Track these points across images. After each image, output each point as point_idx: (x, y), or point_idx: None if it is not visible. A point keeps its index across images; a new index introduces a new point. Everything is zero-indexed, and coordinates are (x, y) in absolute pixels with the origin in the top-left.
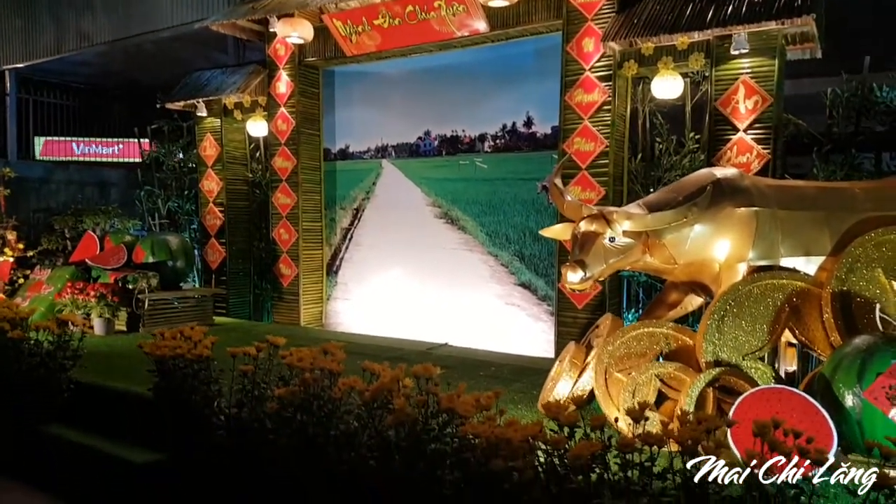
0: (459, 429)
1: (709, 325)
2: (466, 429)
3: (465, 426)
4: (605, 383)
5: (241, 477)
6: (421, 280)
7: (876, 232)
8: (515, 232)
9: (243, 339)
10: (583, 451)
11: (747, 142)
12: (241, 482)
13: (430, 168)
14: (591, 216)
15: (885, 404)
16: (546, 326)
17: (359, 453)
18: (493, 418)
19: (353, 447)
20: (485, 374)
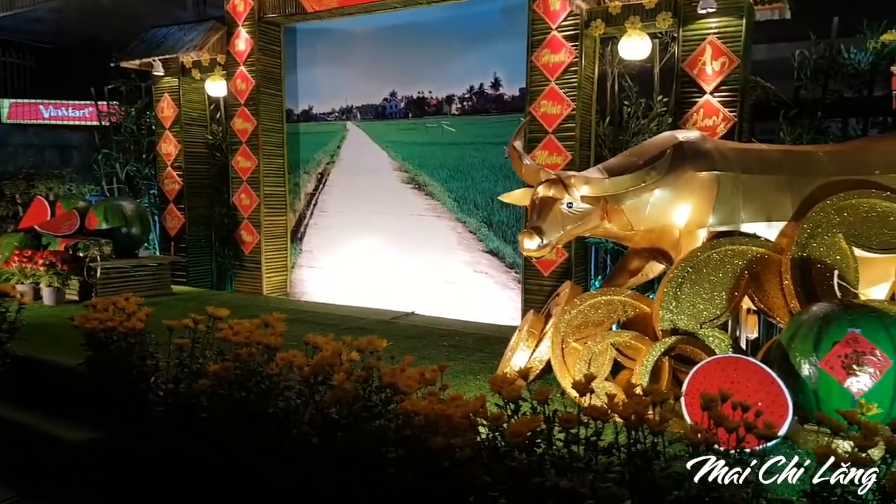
0: (398, 406)
1: (666, 293)
2: (406, 405)
3: (404, 403)
4: (561, 353)
5: (180, 456)
6: (388, 247)
7: (837, 196)
8: (483, 198)
9: (200, 310)
10: (521, 428)
11: (714, 104)
12: (180, 461)
13: (397, 131)
14: (549, 181)
15: (841, 373)
16: (513, 294)
17: (301, 430)
18: (435, 393)
19: (294, 425)
20: (448, 343)
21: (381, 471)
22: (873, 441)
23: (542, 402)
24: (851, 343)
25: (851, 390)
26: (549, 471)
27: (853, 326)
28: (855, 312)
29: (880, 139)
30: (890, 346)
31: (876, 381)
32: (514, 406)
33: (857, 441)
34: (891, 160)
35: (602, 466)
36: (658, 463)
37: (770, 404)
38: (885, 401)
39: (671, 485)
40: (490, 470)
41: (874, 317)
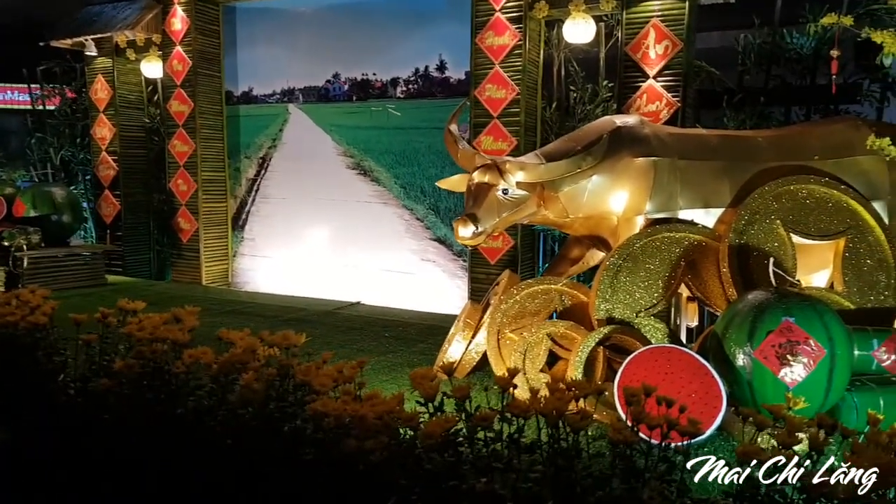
0: (308, 407)
1: (602, 282)
2: (316, 406)
3: (314, 403)
4: (497, 344)
5: (92, 459)
6: (333, 235)
7: (775, 182)
8: (431, 184)
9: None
10: (435, 429)
11: (657, 89)
12: (92, 464)
13: (341, 114)
14: (485, 166)
15: (775, 363)
16: (461, 283)
17: (214, 433)
18: (350, 392)
19: (205, 427)
20: (390, 334)
21: (294, 475)
22: (797, 438)
23: (462, 399)
24: (785, 332)
25: (785, 381)
26: (467, 473)
27: (787, 315)
28: (789, 301)
29: (819, 124)
30: (824, 336)
31: (810, 371)
32: (437, 404)
33: (781, 438)
34: (829, 145)
35: (524, 465)
36: (581, 461)
37: (704, 395)
38: (818, 392)
39: (594, 484)
40: (407, 473)
41: (808, 306)
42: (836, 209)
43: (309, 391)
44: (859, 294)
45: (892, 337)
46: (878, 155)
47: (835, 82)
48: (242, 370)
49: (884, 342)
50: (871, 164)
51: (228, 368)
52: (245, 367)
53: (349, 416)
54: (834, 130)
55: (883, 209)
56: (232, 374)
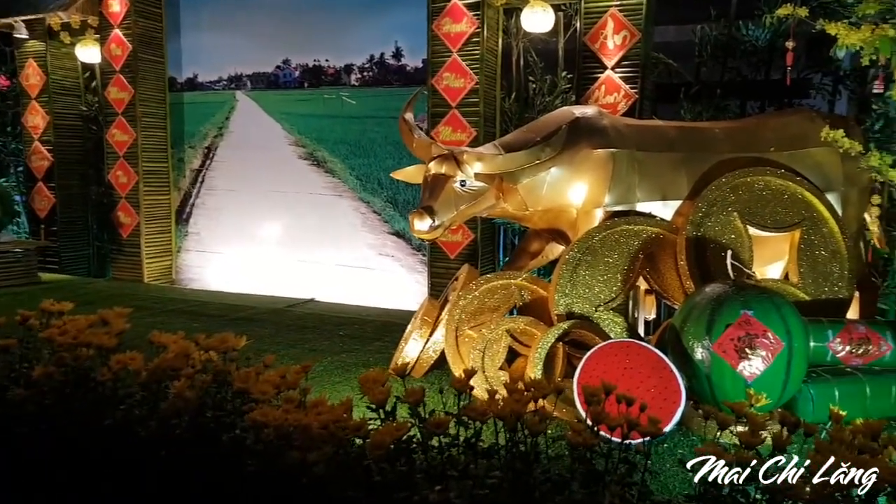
0: (247, 416)
1: (561, 276)
2: (254, 416)
3: (253, 413)
4: (455, 342)
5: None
6: (285, 229)
7: (732, 174)
8: (388, 176)
9: (68, 300)
10: (384, 438)
11: (615, 81)
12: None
13: (292, 102)
14: (441, 157)
15: (734, 357)
16: (421, 278)
17: (145, 443)
18: (293, 399)
19: (136, 437)
20: (345, 332)
21: (233, 488)
22: (760, 437)
23: (415, 403)
24: (744, 326)
25: (744, 374)
26: (421, 483)
27: (746, 308)
28: (747, 294)
29: (774, 117)
30: (782, 329)
31: (768, 364)
32: (387, 409)
33: (743, 437)
34: (784, 137)
35: (481, 471)
36: (540, 465)
37: (663, 390)
38: (776, 385)
39: (553, 489)
40: (356, 485)
41: (766, 298)
42: (791, 201)
43: (248, 399)
44: (814, 285)
45: (847, 328)
46: (831, 147)
47: (789, 74)
48: (175, 377)
49: (838, 333)
50: (825, 155)
51: (159, 375)
52: (178, 374)
53: (291, 426)
54: (789, 122)
55: (836, 200)
56: (164, 380)
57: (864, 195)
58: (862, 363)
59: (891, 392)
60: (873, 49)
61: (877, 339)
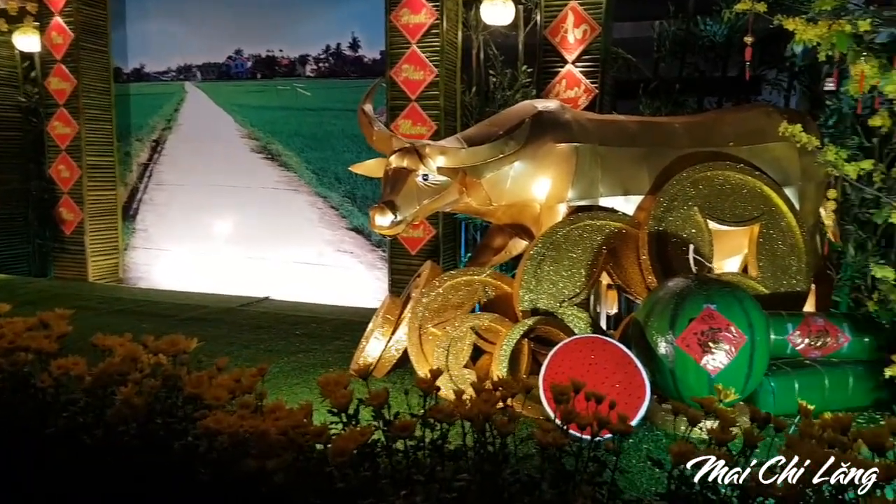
0: (199, 423)
1: (526, 271)
2: (207, 423)
3: (207, 419)
4: (419, 340)
5: None
6: (238, 225)
7: (692, 169)
8: (346, 170)
9: (6, 301)
10: (347, 444)
11: (576, 75)
12: None
13: (244, 93)
14: (402, 150)
15: (697, 351)
16: (381, 274)
17: (91, 451)
18: (249, 404)
19: (81, 445)
20: (302, 332)
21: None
22: (731, 434)
23: (379, 406)
24: (707, 320)
25: (707, 368)
26: (387, 486)
27: (709, 302)
28: (710, 288)
29: (732, 112)
30: (744, 322)
31: (731, 358)
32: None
33: (715, 434)
34: (742, 132)
35: (448, 474)
36: (509, 465)
37: (628, 385)
38: (739, 378)
39: (522, 490)
40: (318, 493)
41: (728, 292)
42: (750, 195)
43: (200, 405)
44: (773, 279)
45: (806, 321)
46: (789, 141)
47: (748, 69)
48: (122, 382)
49: (797, 326)
50: (783, 150)
51: (105, 381)
52: (125, 379)
53: (248, 433)
54: (747, 117)
55: (794, 195)
56: (110, 386)
57: (820, 189)
58: (820, 355)
59: (848, 383)
60: (830, 45)
61: (835, 332)
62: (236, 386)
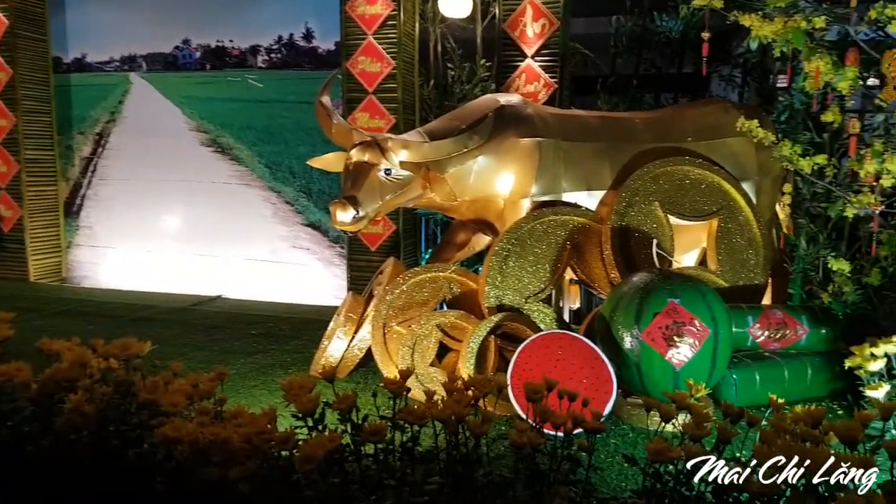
0: (156, 432)
1: (491, 268)
2: (165, 431)
3: (164, 427)
4: (383, 339)
5: None
6: (188, 221)
7: (653, 164)
8: (300, 164)
9: None
10: (315, 451)
11: (535, 69)
12: None
13: (193, 85)
14: (364, 144)
15: (662, 345)
16: (339, 271)
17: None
18: (208, 411)
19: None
20: (258, 332)
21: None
22: (706, 430)
23: (347, 410)
24: (671, 314)
25: (672, 362)
26: (357, 492)
27: (673, 297)
28: (674, 282)
29: (690, 107)
30: (708, 316)
31: (695, 351)
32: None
33: (688, 430)
34: (700, 127)
35: (419, 478)
36: (482, 467)
37: (595, 380)
38: (703, 372)
39: (495, 491)
40: (285, 501)
41: (691, 286)
42: (709, 190)
43: (157, 412)
44: (731, 272)
45: (765, 314)
46: (746, 137)
47: (705, 64)
48: (71, 389)
49: (757, 319)
50: (740, 145)
51: (52, 388)
52: (74, 386)
53: (209, 441)
54: (705, 113)
55: (751, 189)
56: (58, 393)
57: (776, 184)
58: (780, 347)
59: (807, 374)
60: (785, 41)
61: (794, 324)
62: (194, 391)
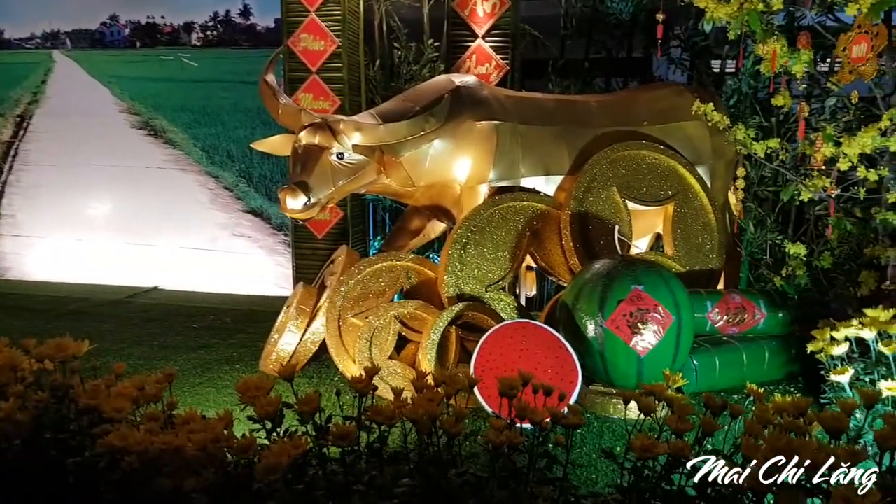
0: (100, 442)
1: (450, 256)
2: (111, 440)
3: (109, 437)
4: (338, 331)
5: None
6: (120, 209)
7: (611, 148)
8: (240, 148)
9: None
10: (278, 460)
11: (486, 50)
12: None
13: (122, 64)
14: (314, 126)
15: (627, 333)
16: (283, 260)
17: None
18: (158, 417)
19: None
20: (200, 325)
21: None
22: (689, 424)
23: (311, 412)
24: (635, 301)
25: (637, 349)
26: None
27: (636, 283)
28: (637, 269)
29: (644, 90)
30: (671, 302)
31: (660, 338)
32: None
33: (672, 423)
34: (655, 111)
35: (388, 480)
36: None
37: (560, 370)
38: (667, 358)
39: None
40: None
41: (654, 272)
42: (665, 175)
43: (100, 419)
44: (687, 257)
45: (724, 298)
46: (701, 120)
47: (659, 47)
48: (0, 396)
49: (716, 304)
50: (695, 129)
51: None
52: (4, 392)
53: (160, 450)
54: (659, 96)
55: (706, 173)
56: None
57: (729, 168)
58: (738, 332)
59: (764, 358)
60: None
61: (752, 308)
62: (140, 395)
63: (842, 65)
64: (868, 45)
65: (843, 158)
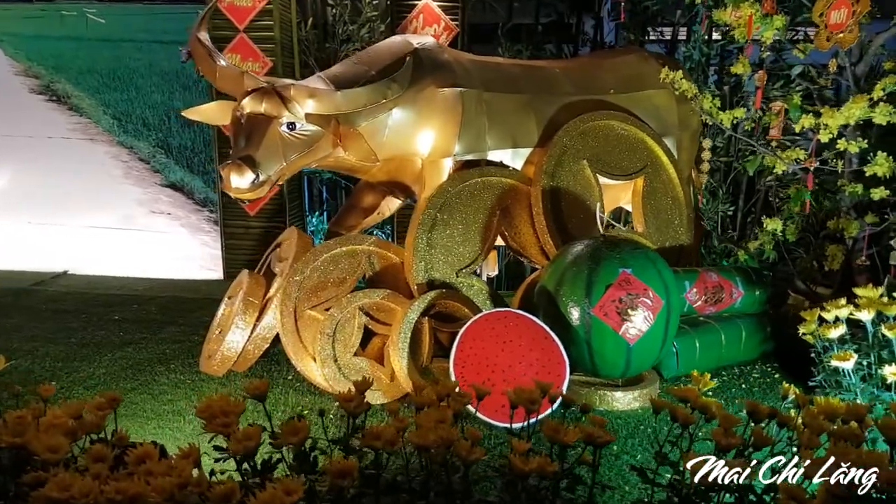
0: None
1: (417, 238)
2: (49, 491)
3: (46, 486)
4: (294, 326)
5: None
6: (19, 184)
7: (580, 119)
8: (156, 115)
9: None
10: None
11: (434, 10)
12: None
13: (16, 20)
14: (260, 92)
15: (616, 320)
16: (210, 240)
17: None
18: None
19: None
20: (122, 316)
21: None
22: (736, 438)
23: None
24: (625, 285)
25: (627, 337)
26: None
27: (624, 266)
28: (622, 250)
29: (608, 56)
30: (660, 285)
31: (650, 325)
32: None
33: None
34: (621, 78)
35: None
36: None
37: (546, 362)
38: (655, 346)
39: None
40: None
41: (641, 254)
42: (635, 147)
43: (27, 461)
44: (657, 233)
45: (701, 278)
46: (667, 89)
47: (623, 11)
48: None
49: (694, 283)
50: (662, 98)
51: None
52: None
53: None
54: (624, 63)
55: (672, 145)
56: None
57: (694, 139)
58: (715, 311)
59: (741, 337)
60: None
61: (729, 287)
62: (78, 425)
63: (818, 32)
64: (849, 10)
65: (823, 129)
